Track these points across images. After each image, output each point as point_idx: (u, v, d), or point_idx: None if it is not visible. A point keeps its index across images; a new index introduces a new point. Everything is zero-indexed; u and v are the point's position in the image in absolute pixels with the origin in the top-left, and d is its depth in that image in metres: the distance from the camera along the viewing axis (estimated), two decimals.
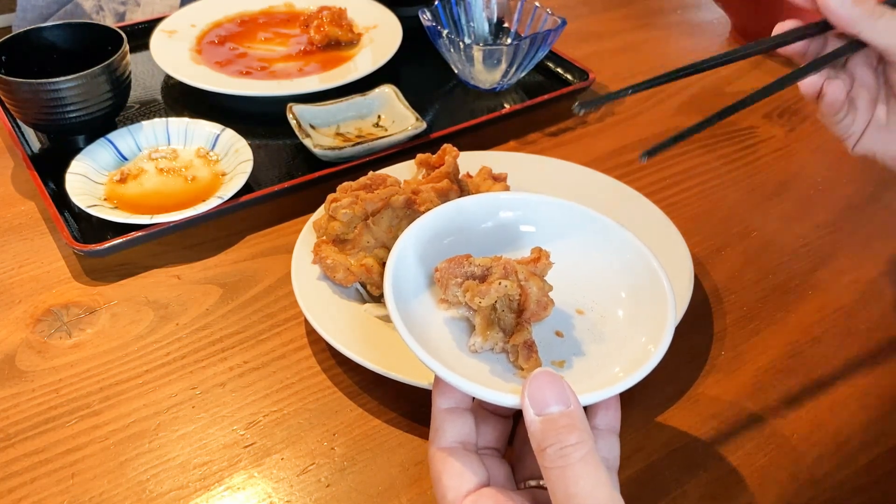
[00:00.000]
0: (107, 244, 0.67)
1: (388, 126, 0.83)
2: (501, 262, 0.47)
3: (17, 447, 0.54)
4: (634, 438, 0.55)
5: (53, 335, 0.62)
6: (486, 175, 0.72)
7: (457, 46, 0.86)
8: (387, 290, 0.45)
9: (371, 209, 0.61)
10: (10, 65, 0.79)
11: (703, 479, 0.52)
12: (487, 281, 0.46)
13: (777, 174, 0.80)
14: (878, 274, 0.68)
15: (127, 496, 0.51)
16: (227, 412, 0.56)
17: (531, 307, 0.47)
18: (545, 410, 0.39)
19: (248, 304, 0.65)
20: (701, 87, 0.93)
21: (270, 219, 0.73)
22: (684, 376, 0.59)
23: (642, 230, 0.67)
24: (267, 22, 1.02)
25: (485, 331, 0.47)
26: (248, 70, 0.91)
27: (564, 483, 0.37)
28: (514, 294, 0.46)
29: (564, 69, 0.94)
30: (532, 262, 0.48)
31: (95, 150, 0.76)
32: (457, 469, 0.42)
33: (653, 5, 1.13)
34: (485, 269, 0.47)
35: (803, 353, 0.61)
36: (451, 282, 0.47)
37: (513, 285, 0.46)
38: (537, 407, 0.39)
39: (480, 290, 0.46)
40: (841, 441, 0.55)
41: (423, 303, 0.49)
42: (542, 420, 0.39)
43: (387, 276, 0.46)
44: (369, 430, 0.55)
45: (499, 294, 0.46)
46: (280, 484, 0.52)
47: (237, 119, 0.83)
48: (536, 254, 0.48)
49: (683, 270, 0.62)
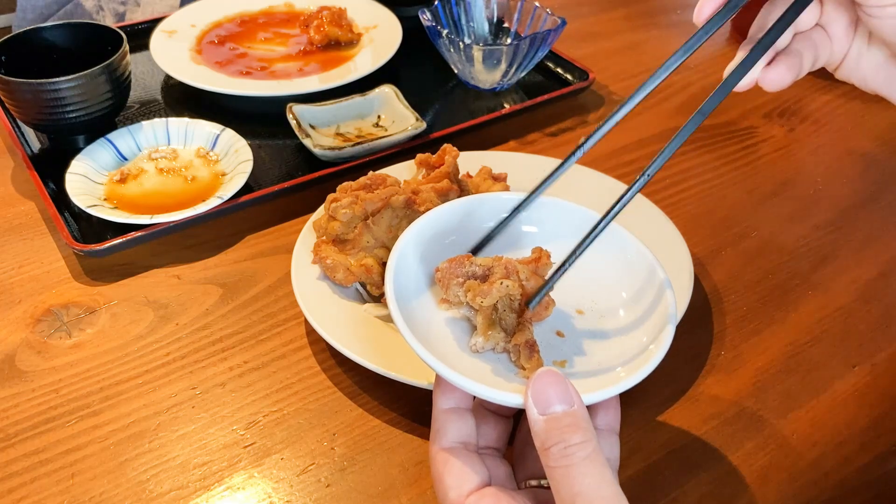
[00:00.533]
0: (107, 244, 0.67)
1: (388, 126, 0.83)
2: (503, 262, 0.47)
3: (17, 447, 0.54)
4: (634, 438, 0.55)
5: (53, 335, 0.62)
6: (486, 175, 0.72)
7: (457, 46, 0.86)
8: (388, 290, 0.45)
9: (371, 209, 0.61)
10: (10, 65, 0.79)
11: (703, 479, 0.52)
12: (489, 281, 0.46)
13: (777, 174, 0.80)
14: (878, 274, 0.68)
15: (127, 496, 0.51)
16: (227, 412, 0.56)
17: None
18: (549, 410, 0.39)
19: (248, 304, 0.65)
20: (701, 87, 0.93)
21: (270, 219, 0.73)
22: (684, 376, 0.59)
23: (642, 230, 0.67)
24: (267, 22, 1.02)
25: (486, 330, 0.47)
26: (248, 70, 0.91)
27: (569, 482, 0.37)
28: (516, 294, 0.46)
29: (564, 69, 0.94)
30: (533, 262, 0.48)
31: (95, 150, 0.76)
32: (459, 469, 0.42)
33: (653, 5, 1.13)
34: (486, 268, 0.47)
35: (803, 353, 0.61)
36: (452, 282, 0.47)
37: (514, 285, 0.46)
38: (541, 406, 0.39)
39: (482, 290, 0.46)
40: (841, 441, 0.55)
41: (425, 303, 0.49)
42: (546, 419, 0.39)
43: (388, 276, 0.46)
44: (369, 430, 0.55)
45: (500, 294, 0.46)
46: (280, 484, 0.52)
47: (237, 119, 0.83)
48: (537, 254, 0.48)
49: (683, 270, 0.62)
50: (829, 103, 0.91)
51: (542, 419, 0.39)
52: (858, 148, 0.84)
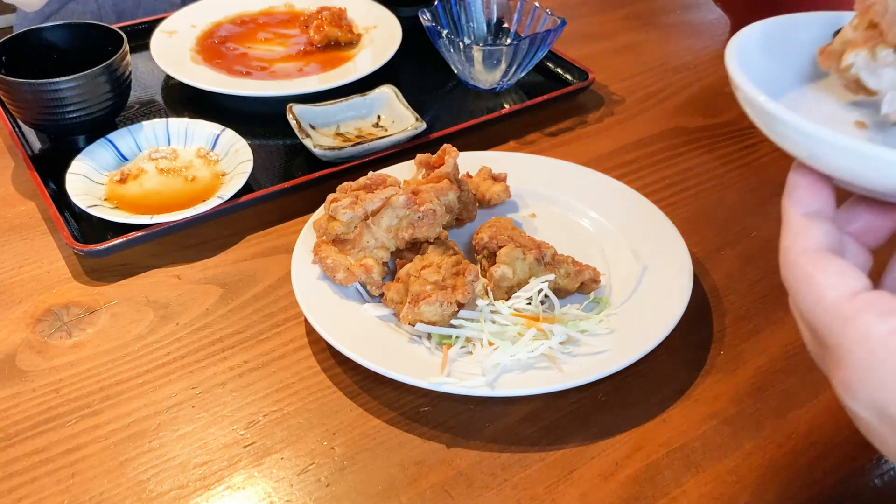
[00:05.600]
0: (107, 244, 0.67)
1: (388, 126, 0.83)
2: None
3: (18, 447, 0.54)
4: (634, 438, 0.55)
5: (54, 335, 0.62)
6: (486, 175, 0.72)
7: (457, 46, 0.86)
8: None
9: (371, 209, 0.61)
10: (10, 65, 0.79)
11: (702, 479, 0.52)
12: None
13: (777, 174, 0.80)
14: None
15: (127, 496, 0.51)
16: (227, 412, 0.56)
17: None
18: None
19: (248, 304, 0.65)
20: (701, 87, 0.93)
21: (270, 219, 0.73)
22: (684, 376, 0.59)
23: (642, 230, 0.68)
24: (267, 22, 1.02)
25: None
26: (248, 70, 0.92)
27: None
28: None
29: (564, 69, 0.94)
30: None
31: (96, 151, 0.76)
32: (839, 267, 0.35)
33: (653, 5, 1.13)
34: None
35: (802, 353, 0.61)
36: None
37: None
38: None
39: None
40: (840, 441, 0.55)
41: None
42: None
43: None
44: (369, 430, 0.55)
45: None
46: (280, 483, 0.52)
47: (237, 119, 0.83)
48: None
49: (683, 270, 0.62)
50: None
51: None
52: None
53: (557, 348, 0.56)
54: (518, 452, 0.54)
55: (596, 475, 0.52)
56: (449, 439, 0.54)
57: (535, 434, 0.55)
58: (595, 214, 0.70)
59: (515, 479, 0.52)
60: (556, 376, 0.55)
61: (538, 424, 0.55)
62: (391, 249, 0.63)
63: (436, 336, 0.57)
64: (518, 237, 0.62)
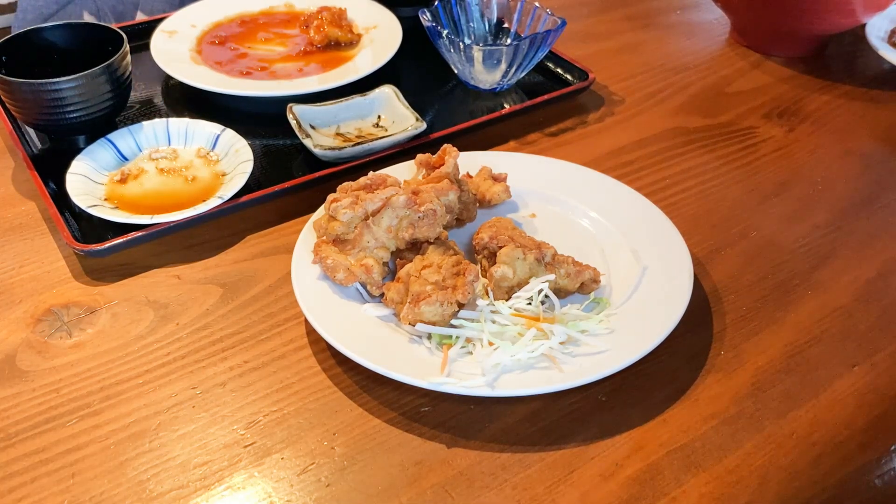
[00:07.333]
0: (107, 244, 0.67)
1: (388, 126, 0.83)
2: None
3: (18, 447, 0.54)
4: (634, 438, 0.55)
5: (54, 335, 0.62)
6: (486, 175, 0.72)
7: (457, 47, 0.86)
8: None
9: (371, 209, 0.61)
10: (10, 65, 0.79)
11: (702, 479, 0.52)
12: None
13: (777, 174, 0.80)
14: (878, 274, 0.68)
15: (127, 496, 0.51)
16: (227, 412, 0.56)
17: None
18: None
19: (248, 304, 0.65)
20: (701, 87, 0.93)
21: (270, 219, 0.73)
22: (684, 376, 0.59)
23: (642, 230, 0.68)
24: (267, 22, 1.02)
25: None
26: (248, 70, 0.91)
27: None
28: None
29: (564, 69, 0.94)
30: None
31: (96, 151, 0.76)
32: None
33: (653, 5, 1.13)
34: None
35: (802, 353, 0.61)
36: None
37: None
38: None
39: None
40: (840, 441, 0.55)
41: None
42: None
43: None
44: (369, 430, 0.55)
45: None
46: (280, 483, 0.52)
47: (237, 119, 0.84)
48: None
49: (683, 270, 0.62)
50: (828, 103, 0.91)
51: None
52: (858, 148, 0.84)
53: (557, 348, 0.56)
54: (518, 452, 0.54)
55: (596, 475, 0.52)
56: (449, 439, 0.54)
57: (535, 434, 0.55)
58: (595, 214, 0.70)
59: (515, 480, 0.52)
60: (556, 376, 0.55)
61: (538, 424, 0.55)
62: (391, 249, 0.63)
63: (436, 336, 0.57)
64: (518, 237, 0.62)
